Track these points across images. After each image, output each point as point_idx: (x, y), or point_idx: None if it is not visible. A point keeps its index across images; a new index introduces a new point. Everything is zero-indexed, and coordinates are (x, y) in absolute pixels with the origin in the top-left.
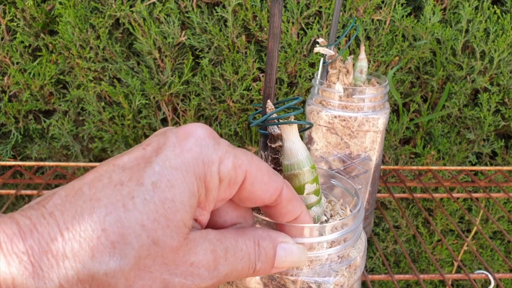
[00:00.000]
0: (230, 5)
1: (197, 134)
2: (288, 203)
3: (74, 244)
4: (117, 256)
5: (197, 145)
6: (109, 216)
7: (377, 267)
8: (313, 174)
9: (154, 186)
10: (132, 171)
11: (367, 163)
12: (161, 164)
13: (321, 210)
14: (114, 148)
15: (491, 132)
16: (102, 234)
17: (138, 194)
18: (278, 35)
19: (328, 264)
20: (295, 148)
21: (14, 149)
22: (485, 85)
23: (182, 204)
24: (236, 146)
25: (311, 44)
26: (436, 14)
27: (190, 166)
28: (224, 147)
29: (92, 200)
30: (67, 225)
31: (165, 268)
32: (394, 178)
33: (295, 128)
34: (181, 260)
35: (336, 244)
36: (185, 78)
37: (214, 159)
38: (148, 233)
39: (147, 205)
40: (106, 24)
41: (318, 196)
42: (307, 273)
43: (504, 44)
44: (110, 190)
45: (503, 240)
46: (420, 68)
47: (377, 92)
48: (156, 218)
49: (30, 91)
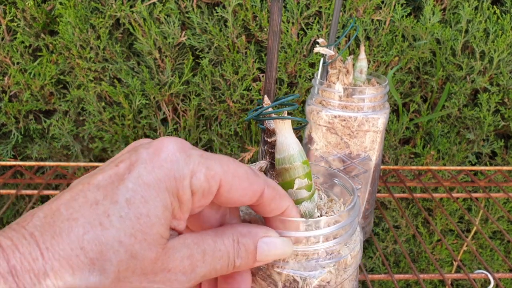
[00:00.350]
0: (230, 5)
1: (168, 150)
2: (271, 202)
3: (54, 263)
4: (96, 272)
5: (168, 161)
6: (86, 235)
7: (377, 267)
8: (305, 169)
9: (129, 203)
10: (106, 189)
11: (367, 163)
12: (134, 182)
13: (313, 206)
14: (115, 148)
15: (490, 132)
16: (81, 252)
17: (113, 212)
18: (277, 33)
19: (315, 259)
20: (287, 143)
21: (15, 149)
22: (484, 85)
23: (157, 218)
24: (236, 146)
25: (311, 44)
26: (435, 14)
27: (162, 182)
28: (195, 159)
29: (69, 220)
30: (46, 245)
31: (144, 278)
32: (394, 178)
33: (288, 123)
34: (160, 269)
35: (325, 240)
36: (185, 78)
37: (185, 174)
38: (126, 248)
39: (123, 222)
40: (107, 24)
41: (310, 192)
42: (293, 266)
43: (503, 44)
44: (86, 210)
45: (502, 240)
46: (420, 68)
47: (377, 92)
48: (132, 233)
49: (30, 91)
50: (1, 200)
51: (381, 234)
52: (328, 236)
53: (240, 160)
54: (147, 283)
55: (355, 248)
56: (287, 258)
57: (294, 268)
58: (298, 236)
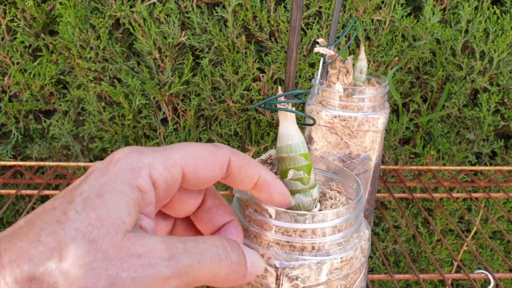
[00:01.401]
0: (230, 6)
1: (121, 151)
2: (240, 170)
3: (11, 256)
4: (54, 258)
5: (122, 159)
6: (44, 231)
7: (377, 266)
8: (302, 161)
9: (85, 200)
10: (63, 197)
11: (366, 163)
12: (89, 184)
13: (309, 200)
14: (114, 148)
15: (490, 132)
16: (39, 244)
17: (69, 209)
18: (296, 29)
19: (299, 252)
20: (287, 134)
21: (15, 149)
22: (484, 85)
23: (116, 205)
24: (236, 146)
25: (311, 44)
26: (435, 14)
27: (118, 176)
28: (150, 153)
29: (28, 226)
30: (5, 245)
31: (109, 264)
32: (394, 178)
33: (291, 116)
34: (126, 254)
35: (313, 235)
36: (185, 78)
37: (141, 166)
38: (84, 235)
39: (79, 215)
40: (106, 24)
41: (306, 186)
42: (276, 255)
43: (503, 44)
44: (44, 215)
45: (502, 240)
46: (420, 68)
47: (376, 92)
48: (90, 223)
49: (30, 91)
50: (1, 200)
51: (381, 234)
52: (317, 231)
53: None
54: (114, 270)
55: (348, 253)
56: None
57: (279, 257)
58: (278, 225)
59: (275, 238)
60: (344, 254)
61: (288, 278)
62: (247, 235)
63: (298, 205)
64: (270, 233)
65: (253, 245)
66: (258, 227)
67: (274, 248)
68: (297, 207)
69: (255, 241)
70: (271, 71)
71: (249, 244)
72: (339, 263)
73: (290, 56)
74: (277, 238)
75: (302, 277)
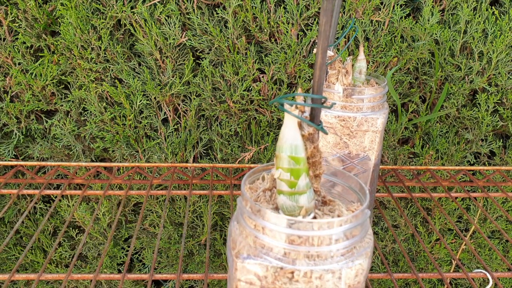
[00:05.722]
0: (230, 7)
1: None
2: None
3: None
4: None
5: None
6: None
7: (376, 266)
8: (291, 164)
9: None
10: None
11: (366, 162)
12: None
13: (291, 205)
14: (116, 148)
15: (489, 132)
16: None
17: None
18: (322, 33)
19: (275, 256)
20: (285, 134)
21: (16, 149)
22: (483, 85)
23: None
24: (236, 146)
25: (310, 45)
26: (434, 15)
27: None
28: None
29: None
30: None
31: None
32: (393, 178)
33: (294, 119)
34: None
35: (301, 242)
36: (186, 79)
37: None
38: None
39: None
40: (108, 25)
41: (292, 189)
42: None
43: (502, 45)
44: None
45: (501, 239)
46: (419, 69)
47: (376, 92)
48: None
49: (32, 92)
50: (2, 199)
51: (380, 234)
52: (305, 238)
53: (240, 160)
54: None
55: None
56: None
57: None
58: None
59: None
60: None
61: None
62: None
63: (282, 207)
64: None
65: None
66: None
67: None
68: (281, 209)
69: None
70: (271, 71)
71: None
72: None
73: (317, 62)
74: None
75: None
